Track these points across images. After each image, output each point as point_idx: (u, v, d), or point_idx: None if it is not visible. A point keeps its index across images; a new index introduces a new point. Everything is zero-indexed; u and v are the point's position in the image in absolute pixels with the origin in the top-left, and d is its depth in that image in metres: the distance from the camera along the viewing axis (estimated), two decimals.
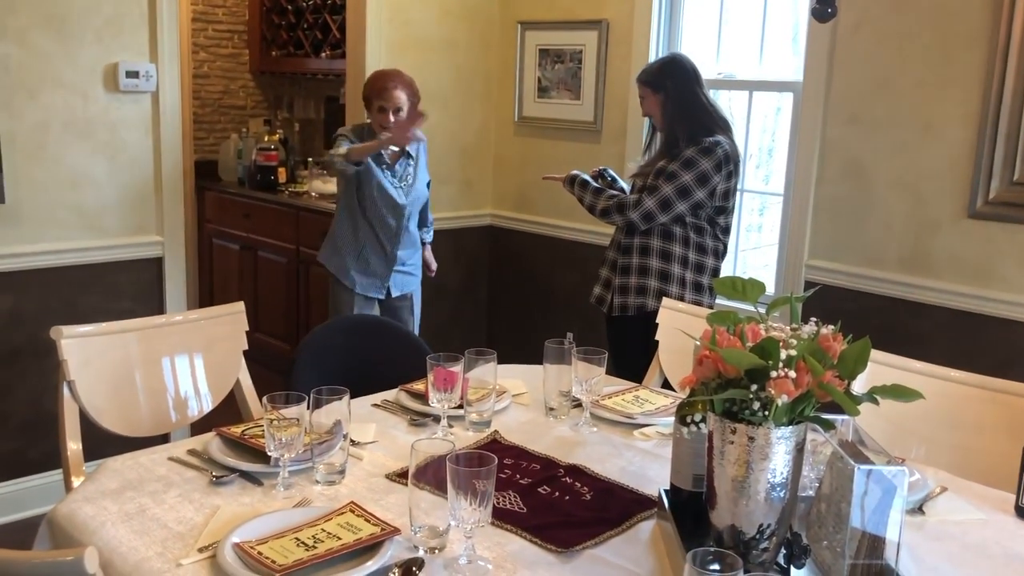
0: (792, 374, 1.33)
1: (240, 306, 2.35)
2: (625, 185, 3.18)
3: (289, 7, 5.29)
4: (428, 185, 3.54)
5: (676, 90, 2.93)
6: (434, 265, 3.70)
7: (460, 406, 1.95)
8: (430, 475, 1.43)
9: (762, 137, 3.80)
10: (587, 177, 3.10)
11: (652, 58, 3.71)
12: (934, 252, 3.11)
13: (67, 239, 3.22)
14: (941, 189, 3.08)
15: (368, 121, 3.42)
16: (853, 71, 3.23)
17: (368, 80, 3.39)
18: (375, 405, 2.10)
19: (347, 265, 3.43)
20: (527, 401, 2.18)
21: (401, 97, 3.31)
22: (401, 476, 1.71)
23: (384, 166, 3.34)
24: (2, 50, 2.99)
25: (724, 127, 2.94)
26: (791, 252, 3.45)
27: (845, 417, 1.46)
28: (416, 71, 3.57)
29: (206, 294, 5.29)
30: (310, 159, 5.20)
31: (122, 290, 3.36)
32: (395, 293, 3.49)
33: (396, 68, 3.45)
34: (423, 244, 3.63)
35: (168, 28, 3.31)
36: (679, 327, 2.38)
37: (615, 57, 3.93)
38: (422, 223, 3.61)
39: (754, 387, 1.34)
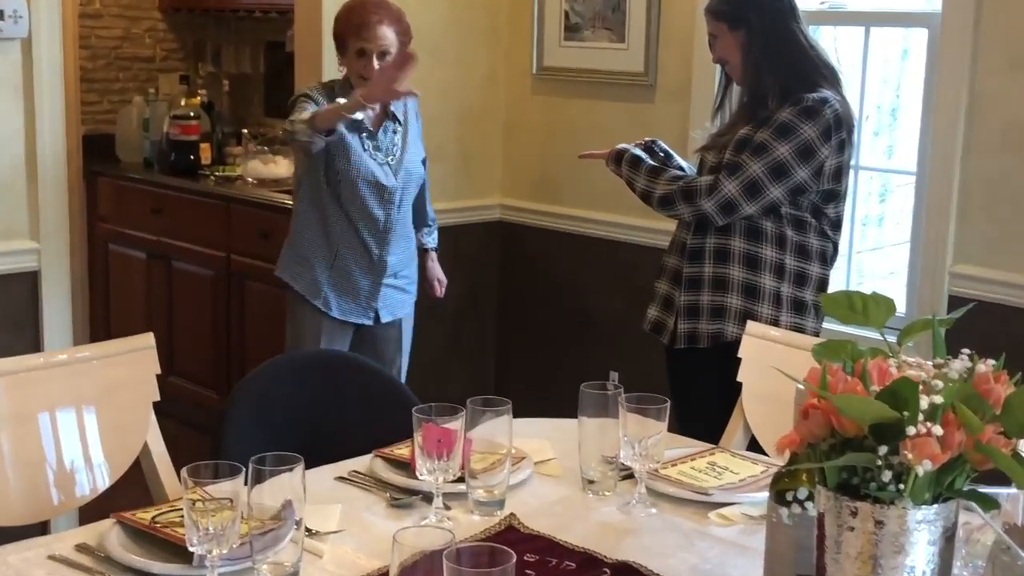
0: (938, 430, 1.32)
1: (148, 340, 2.34)
2: (686, 164, 3.19)
3: None
4: (424, 163, 3.55)
5: (763, 25, 2.94)
6: (444, 280, 3.74)
7: (461, 479, 1.95)
8: None
9: (882, 92, 3.80)
10: (639, 153, 3.11)
11: None
12: None
13: None
14: None
15: (340, 76, 3.43)
16: None
17: (340, 13, 3.39)
18: (340, 478, 2.10)
19: (317, 279, 3.43)
20: (556, 471, 2.17)
21: (388, 35, 3.31)
22: None
23: (364, 134, 3.34)
24: None
25: (831, 78, 2.95)
26: (928, 255, 3.43)
27: (1013, 491, 1.45)
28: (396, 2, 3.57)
29: (100, 322, 5.31)
30: (245, 131, 5.23)
31: None
32: (386, 318, 3.49)
33: None
34: (425, 251, 3.66)
35: None
36: (772, 363, 2.36)
37: None
38: (420, 221, 3.62)
39: (883, 450, 1.34)
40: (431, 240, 3.69)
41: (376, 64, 3.28)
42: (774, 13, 2.95)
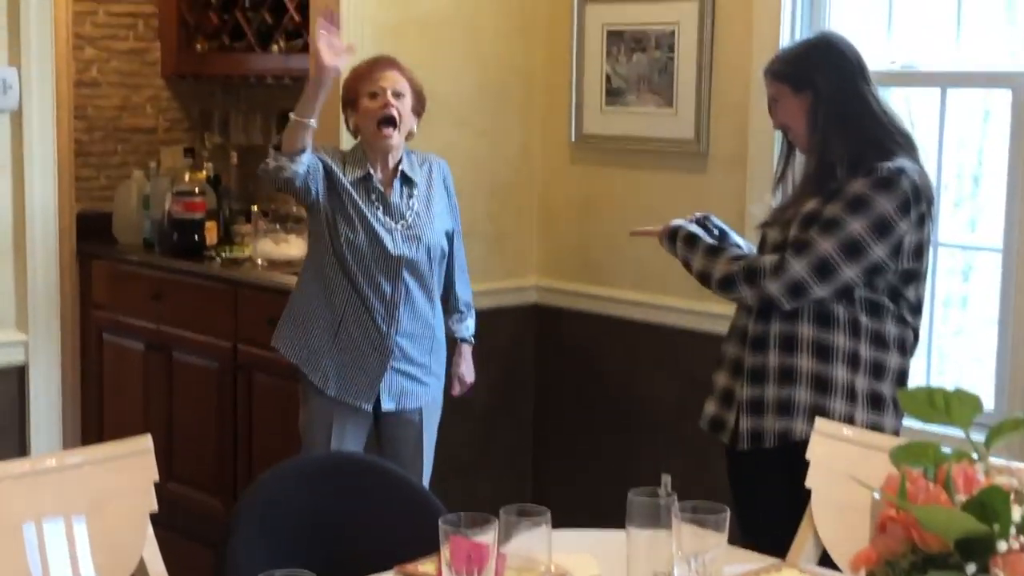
0: None
1: (146, 442, 2.35)
2: (743, 242, 3.19)
3: None
4: (450, 236, 3.57)
5: (831, 88, 2.95)
6: (469, 378, 3.73)
7: None
8: None
9: (962, 159, 3.79)
10: (695, 230, 3.12)
11: (786, 41, 3.74)
12: None
13: None
14: None
15: (348, 148, 3.50)
16: None
17: (348, 77, 3.49)
18: None
19: (317, 349, 3.46)
20: None
21: (400, 79, 3.41)
22: None
23: (373, 195, 3.41)
24: None
25: (906, 145, 2.96)
26: (1019, 340, 3.41)
27: None
28: (420, 69, 3.63)
29: (93, 422, 5.31)
30: (255, 207, 5.26)
31: None
32: (388, 405, 3.49)
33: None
34: (457, 342, 3.68)
35: (37, 14, 3.40)
36: (844, 467, 2.34)
37: (727, 41, 3.97)
38: (450, 305, 3.64)
39: (971, 568, 1.33)
40: (463, 328, 3.69)
41: (391, 100, 3.37)
42: (842, 74, 2.96)
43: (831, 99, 2.95)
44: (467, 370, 3.71)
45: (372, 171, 3.42)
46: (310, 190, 3.37)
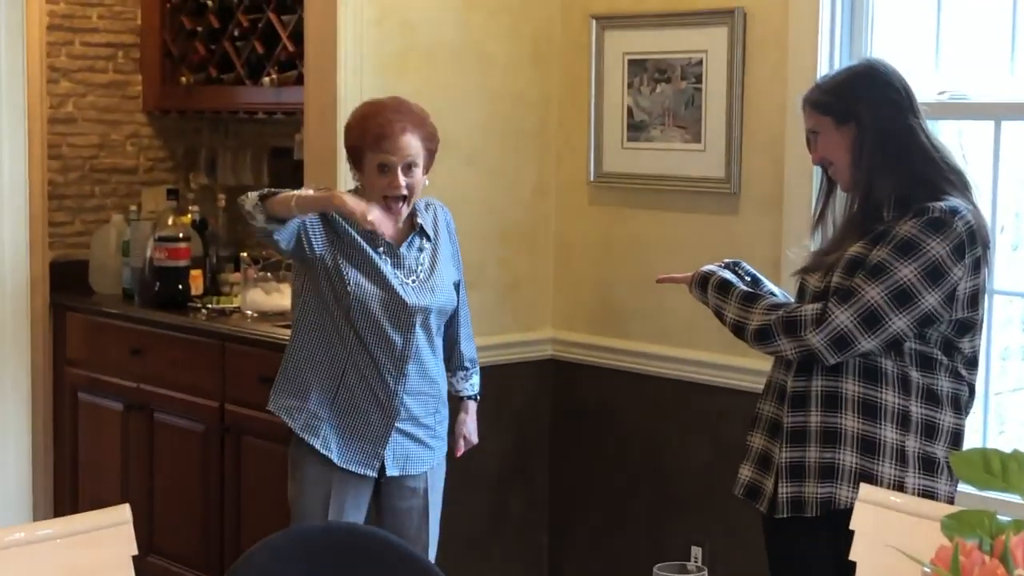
0: None
1: (124, 513, 2.34)
2: (778, 290, 3.19)
3: (209, 3, 5.46)
4: (457, 288, 3.58)
5: (878, 121, 2.95)
6: (474, 439, 3.72)
7: None
8: None
9: (1019, 197, 3.79)
10: (729, 276, 3.12)
11: (823, 70, 3.75)
12: None
13: None
14: None
15: (356, 187, 3.49)
16: None
17: (352, 122, 3.47)
18: None
19: (316, 412, 3.46)
20: None
21: (412, 144, 3.37)
22: None
23: (381, 248, 3.42)
24: None
25: (959, 183, 2.95)
26: None
27: None
28: (424, 103, 3.62)
29: (66, 490, 5.30)
30: (244, 254, 5.28)
31: None
32: (393, 471, 3.48)
33: (396, 96, 3.53)
34: (461, 400, 3.68)
35: (7, 44, 3.44)
36: (892, 538, 2.32)
37: (759, 70, 3.99)
38: (454, 361, 3.66)
39: None
40: (468, 387, 3.69)
41: (402, 179, 3.34)
42: (890, 106, 2.97)
43: (877, 132, 2.95)
44: (472, 429, 3.70)
45: (379, 235, 3.37)
46: (303, 247, 3.38)
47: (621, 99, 4.30)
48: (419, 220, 3.46)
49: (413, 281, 3.45)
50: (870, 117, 2.95)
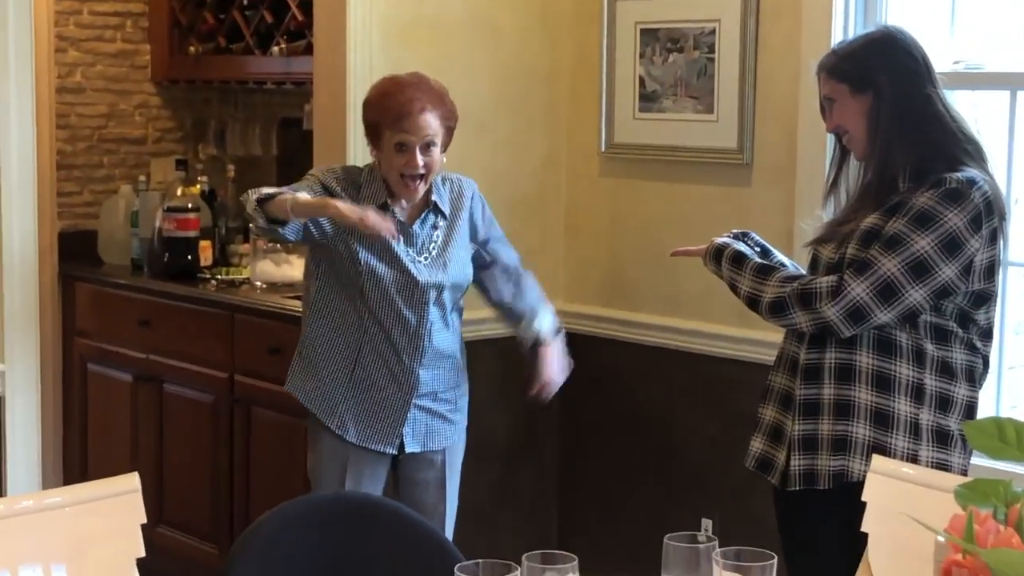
0: None
1: (132, 481, 2.33)
2: (789, 262, 3.18)
3: None
4: (491, 248, 3.61)
5: (895, 89, 2.94)
6: (558, 376, 3.64)
7: None
8: None
9: None
10: (743, 248, 3.12)
11: (838, 39, 3.73)
12: None
13: None
14: None
15: (372, 163, 3.49)
16: None
17: (372, 97, 3.46)
18: None
19: (332, 394, 3.48)
20: None
21: (432, 123, 3.35)
22: None
23: (393, 238, 3.41)
24: None
25: (976, 154, 2.94)
26: None
27: None
28: (434, 75, 3.61)
29: (75, 460, 5.33)
30: (253, 225, 5.27)
31: None
32: (412, 448, 3.50)
33: (416, 72, 3.50)
34: (538, 341, 3.63)
35: (15, 13, 3.44)
36: (905, 508, 2.30)
37: (773, 39, 3.98)
38: (517, 312, 3.61)
39: None
40: (542, 323, 3.64)
41: (420, 159, 3.32)
42: (908, 75, 2.95)
43: (895, 101, 2.93)
44: (555, 371, 3.64)
45: (390, 200, 3.41)
46: (312, 235, 3.37)
47: (633, 69, 4.30)
48: (433, 197, 3.45)
49: (425, 258, 3.46)
50: (888, 85, 2.94)
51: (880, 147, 2.94)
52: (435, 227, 3.48)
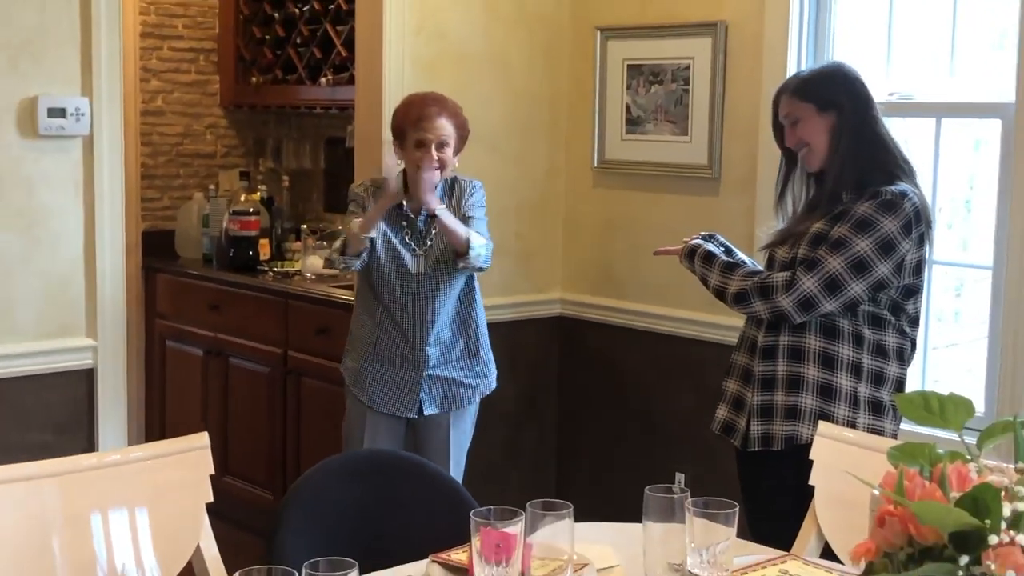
0: (1022, 540, 1.29)
1: (203, 439, 2.35)
2: (748, 259, 3.17)
3: (276, 15, 5.46)
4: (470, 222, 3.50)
5: (854, 112, 2.92)
6: (434, 203, 3.38)
7: None
8: None
9: (955, 184, 3.77)
10: (713, 248, 3.10)
11: (791, 73, 3.70)
12: None
13: None
14: None
15: (397, 173, 3.50)
16: None
17: (400, 106, 3.51)
18: None
19: (361, 370, 3.50)
20: None
21: (446, 127, 3.41)
22: None
23: (404, 222, 3.44)
24: None
25: (908, 171, 2.94)
26: (1008, 352, 3.38)
27: None
28: (455, 99, 3.63)
29: (155, 421, 5.35)
30: (304, 226, 5.29)
31: (36, 417, 3.41)
32: (429, 411, 3.51)
33: (436, 91, 3.56)
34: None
35: (107, 48, 3.42)
36: (846, 466, 2.31)
37: (738, 74, 3.97)
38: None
39: (964, 560, 1.31)
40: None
41: (435, 155, 3.37)
42: (861, 101, 2.94)
43: (853, 122, 2.91)
44: (431, 199, 3.39)
45: (405, 200, 3.45)
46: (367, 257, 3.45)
47: (621, 98, 4.29)
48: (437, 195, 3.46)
49: (424, 251, 3.45)
50: (849, 108, 2.92)
51: (838, 161, 2.91)
52: (434, 221, 3.43)
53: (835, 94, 2.93)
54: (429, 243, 3.46)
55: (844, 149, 2.90)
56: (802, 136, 2.96)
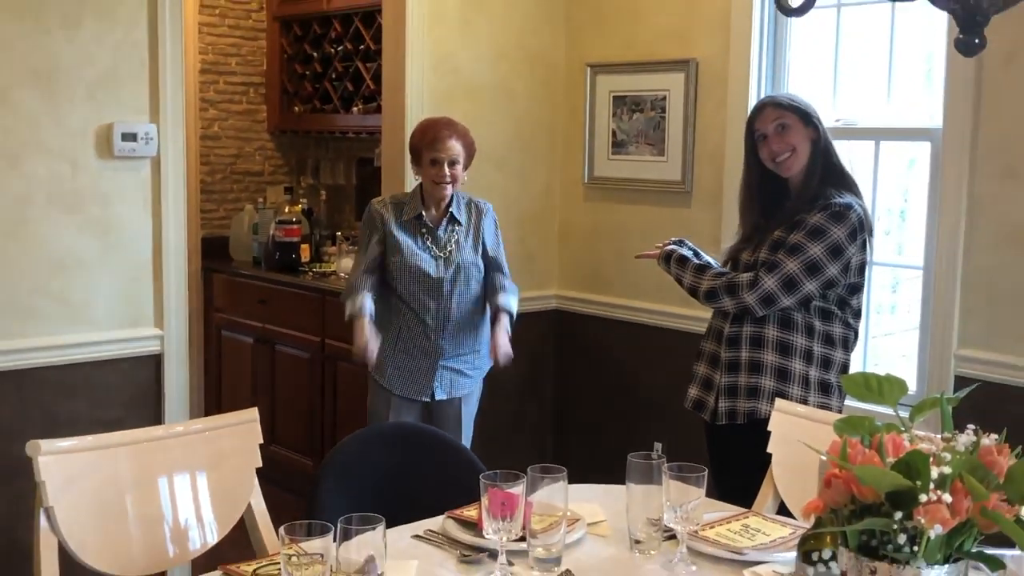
0: (947, 498, 1.29)
1: (253, 414, 2.35)
2: (712, 261, 3.14)
3: (315, 54, 5.46)
4: (492, 257, 3.50)
5: (824, 131, 2.90)
6: (505, 347, 3.35)
7: (522, 538, 1.93)
8: None
9: (892, 197, 3.77)
10: (686, 253, 3.08)
11: (752, 104, 3.70)
12: None
13: (48, 333, 3.29)
14: None
15: (409, 191, 3.51)
16: (1007, 113, 3.20)
17: (416, 129, 3.48)
18: (417, 537, 2.08)
19: (384, 359, 3.46)
20: (606, 531, 2.14)
21: (456, 147, 3.39)
22: None
23: (424, 230, 3.42)
24: None
25: (853, 187, 2.92)
26: (936, 340, 3.37)
27: (1017, 553, 1.41)
28: (467, 125, 3.63)
29: (213, 398, 5.35)
30: (339, 233, 5.29)
31: (113, 395, 3.41)
32: (440, 396, 3.48)
33: (447, 116, 3.54)
34: (496, 313, 3.42)
35: (172, 82, 3.42)
36: (798, 437, 2.31)
37: (706, 103, 3.96)
38: (490, 292, 3.48)
39: (898, 515, 1.31)
40: (505, 300, 3.43)
41: (447, 171, 3.35)
42: (825, 128, 2.92)
43: (825, 139, 2.90)
44: (503, 341, 3.36)
45: (424, 212, 3.41)
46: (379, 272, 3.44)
47: (607, 124, 4.28)
48: (452, 210, 3.44)
49: (443, 256, 3.42)
50: (822, 127, 2.91)
51: (810, 171, 2.88)
52: (453, 231, 3.43)
53: (811, 113, 2.91)
54: (449, 250, 3.44)
55: (819, 160, 2.88)
56: (790, 140, 2.89)
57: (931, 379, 3.37)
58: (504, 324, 3.40)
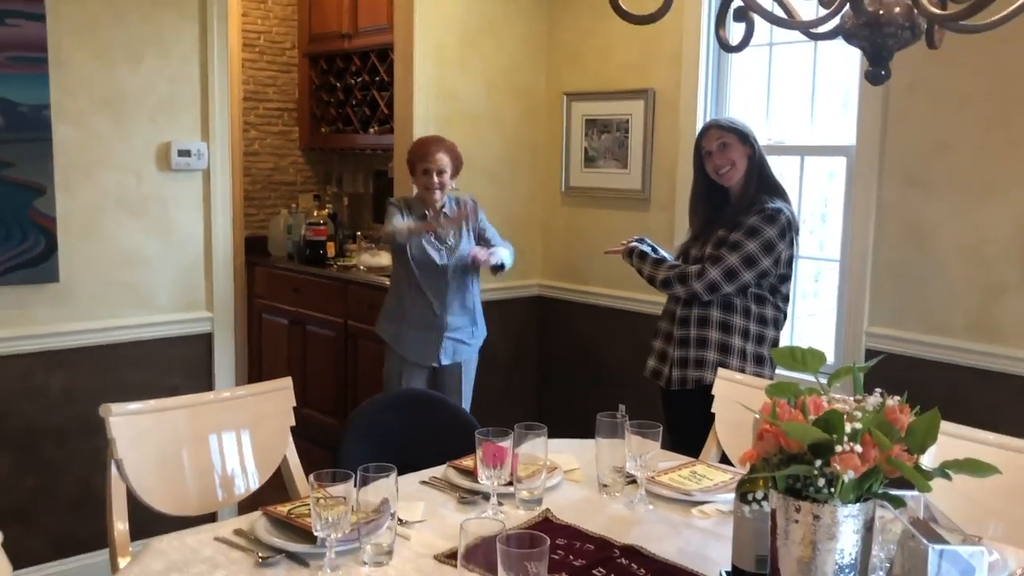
0: (858, 449, 1.30)
1: (288, 382, 2.35)
2: (667, 254, 3.14)
3: (338, 85, 5.44)
4: (485, 234, 3.52)
5: (758, 149, 2.90)
6: (476, 250, 3.38)
7: (510, 483, 1.93)
8: (480, 556, 1.40)
9: (814, 202, 3.77)
10: (646, 248, 3.07)
11: (699, 126, 3.71)
12: (1001, 317, 3.03)
13: (119, 316, 3.28)
14: (1006, 252, 3.01)
15: (413, 196, 3.50)
16: (908, 133, 3.21)
17: (412, 146, 3.51)
18: (423, 482, 2.08)
19: (399, 332, 3.48)
20: (579, 478, 2.14)
21: (444, 159, 3.40)
22: (450, 557, 1.68)
23: (431, 234, 3.43)
24: (61, 132, 3.10)
25: (782, 194, 2.92)
26: (850, 320, 3.38)
27: (916, 493, 1.42)
28: (464, 144, 3.63)
29: (254, 369, 5.33)
30: (359, 233, 5.28)
31: (172, 367, 3.41)
32: (445, 361, 3.49)
33: (438, 134, 3.53)
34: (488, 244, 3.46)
35: (220, 107, 3.41)
36: (737, 399, 2.33)
37: (662, 126, 3.96)
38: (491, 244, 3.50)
39: (818, 463, 1.31)
40: (496, 249, 3.43)
41: (436, 179, 3.39)
42: (760, 147, 2.92)
43: (760, 155, 2.90)
44: (478, 249, 3.40)
45: (427, 212, 3.44)
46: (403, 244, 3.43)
47: (581, 143, 4.27)
48: (445, 210, 3.46)
49: (447, 248, 3.43)
50: (756, 146, 2.90)
51: (746, 182, 2.88)
52: (450, 230, 3.43)
53: (749, 136, 2.90)
54: (450, 243, 3.45)
55: (755, 173, 2.88)
56: (730, 156, 2.89)
57: (846, 352, 3.38)
58: (488, 249, 3.41)
